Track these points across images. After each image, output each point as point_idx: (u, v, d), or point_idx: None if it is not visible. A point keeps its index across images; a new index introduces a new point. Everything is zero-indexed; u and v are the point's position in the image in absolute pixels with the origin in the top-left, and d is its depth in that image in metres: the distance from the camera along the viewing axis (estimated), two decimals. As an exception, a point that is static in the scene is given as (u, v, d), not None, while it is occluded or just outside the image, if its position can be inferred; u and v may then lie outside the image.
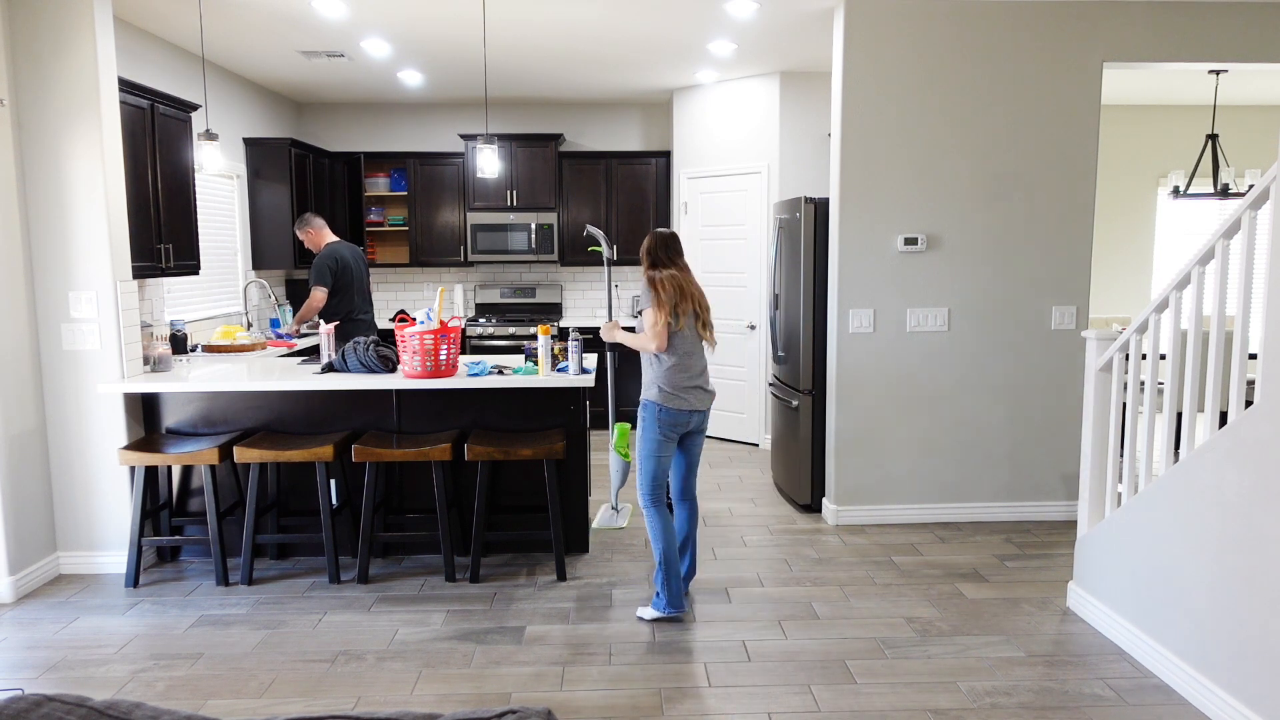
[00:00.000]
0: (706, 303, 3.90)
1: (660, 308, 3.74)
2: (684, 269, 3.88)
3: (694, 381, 3.78)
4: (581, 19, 5.02)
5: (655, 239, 3.95)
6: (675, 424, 3.74)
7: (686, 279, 3.85)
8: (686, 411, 3.75)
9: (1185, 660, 3.07)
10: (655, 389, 3.76)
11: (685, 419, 3.76)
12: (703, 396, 3.82)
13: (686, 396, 3.74)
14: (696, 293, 3.85)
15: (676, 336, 3.74)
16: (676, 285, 3.77)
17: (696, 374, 3.79)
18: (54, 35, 4.00)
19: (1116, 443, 3.68)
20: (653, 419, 3.74)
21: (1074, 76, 4.78)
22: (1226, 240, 3.02)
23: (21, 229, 4.08)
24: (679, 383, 3.74)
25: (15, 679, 3.27)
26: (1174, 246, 8.14)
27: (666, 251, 3.92)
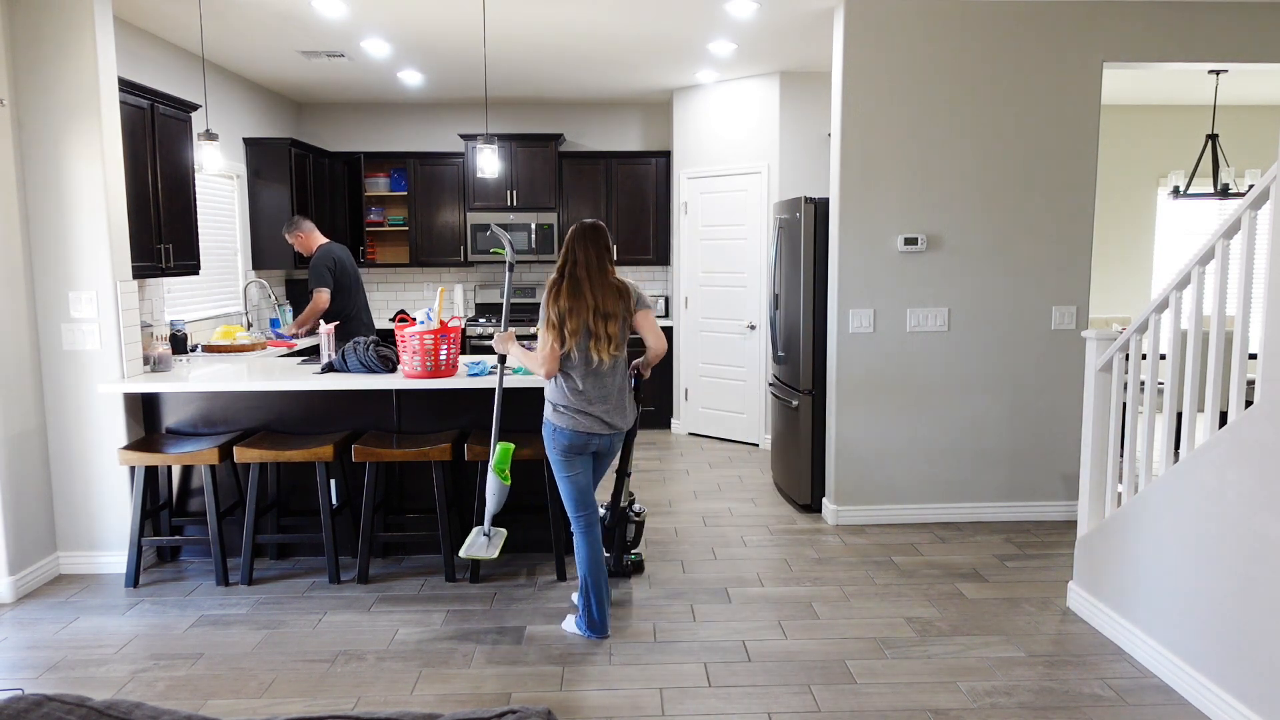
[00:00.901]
0: (613, 306, 3.34)
1: (548, 328, 3.32)
2: (599, 270, 3.35)
3: (589, 409, 3.37)
4: (581, 19, 5.02)
5: (572, 233, 3.41)
6: (573, 446, 3.40)
7: (594, 285, 3.33)
8: (583, 434, 3.39)
9: (1185, 660, 3.07)
10: (549, 406, 3.44)
11: (582, 441, 3.40)
12: (599, 425, 3.40)
13: (579, 419, 3.37)
14: (596, 302, 3.31)
15: (568, 358, 3.35)
16: (572, 297, 3.30)
17: (593, 400, 3.38)
18: (54, 35, 4.00)
19: (1116, 443, 3.67)
20: (549, 439, 3.45)
21: (1074, 76, 4.78)
22: (1226, 240, 3.02)
23: (21, 229, 4.08)
24: (572, 403, 3.37)
25: (15, 679, 3.27)
26: (1174, 246, 8.14)
27: (579, 248, 3.37)
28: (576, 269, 3.34)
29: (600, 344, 3.30)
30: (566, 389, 3.37)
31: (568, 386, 3.37)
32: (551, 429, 3.41)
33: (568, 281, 3.33)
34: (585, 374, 3.36)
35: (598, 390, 3.38)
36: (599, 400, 3.38)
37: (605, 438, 3.44)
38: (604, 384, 3.39)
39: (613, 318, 3.33)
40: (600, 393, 3.39)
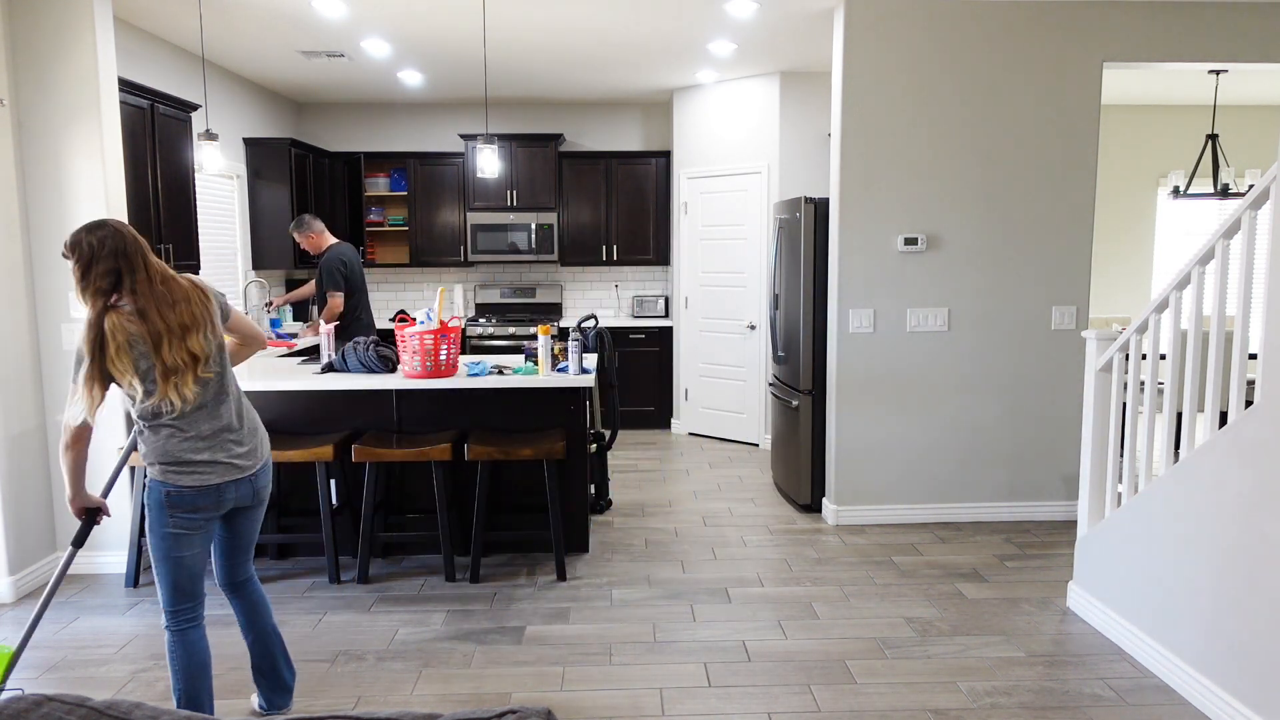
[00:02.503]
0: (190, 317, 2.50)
1: (88, 377, 2.43)
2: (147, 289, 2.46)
3: (205, 451, 2.56)
4: (582, 19, 5.02)
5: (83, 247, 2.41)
6: (197, 507, 2.57)
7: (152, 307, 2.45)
8: (212, 488, 2.57)
9: (1185, 660, 3.07)
10: (154, 463, 2.56)
11: (212, 498, 2.59)
12: (228, 466, 2.60)
13: (202, 470, 2.56)
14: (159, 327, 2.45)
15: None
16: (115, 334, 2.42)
17: (210, 435, 2.58)
18: (54, 35, 4.00)
19: (1116, 443, 3.67)
20: (158, 505, 2.56)
21: (1074, 76, 4.78)
22: (1226, 240, 3.02)
23: (21, 229, 4.08)
24: (184, 453, 2.54)
25: (15, 679, 3.27)
26: (1174, 246, 8.14)
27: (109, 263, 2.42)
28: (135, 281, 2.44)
29: (170, 378, 2.46)
30: (172, 433, 2.54)
31: (172, 429, 2.54)
32: (161, 490, 2.56)
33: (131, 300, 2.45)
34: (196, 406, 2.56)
35: (214, 421, 2.60)
36: (217, 433, 2.60)
37: (244, 484, 2.68)
38: (218, 415, 2.62)
39: (192, 329, 2.51)
40: (217, 424, 2.60)
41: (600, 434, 5.21)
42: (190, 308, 2.53)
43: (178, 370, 2.47)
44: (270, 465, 2.82)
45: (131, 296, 2.45)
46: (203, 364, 2.54)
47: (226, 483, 2.63)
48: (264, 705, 2.96)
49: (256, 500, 2.77)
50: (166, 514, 2.57)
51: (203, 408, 2.59)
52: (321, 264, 5.77)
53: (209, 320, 2.59)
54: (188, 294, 2.55)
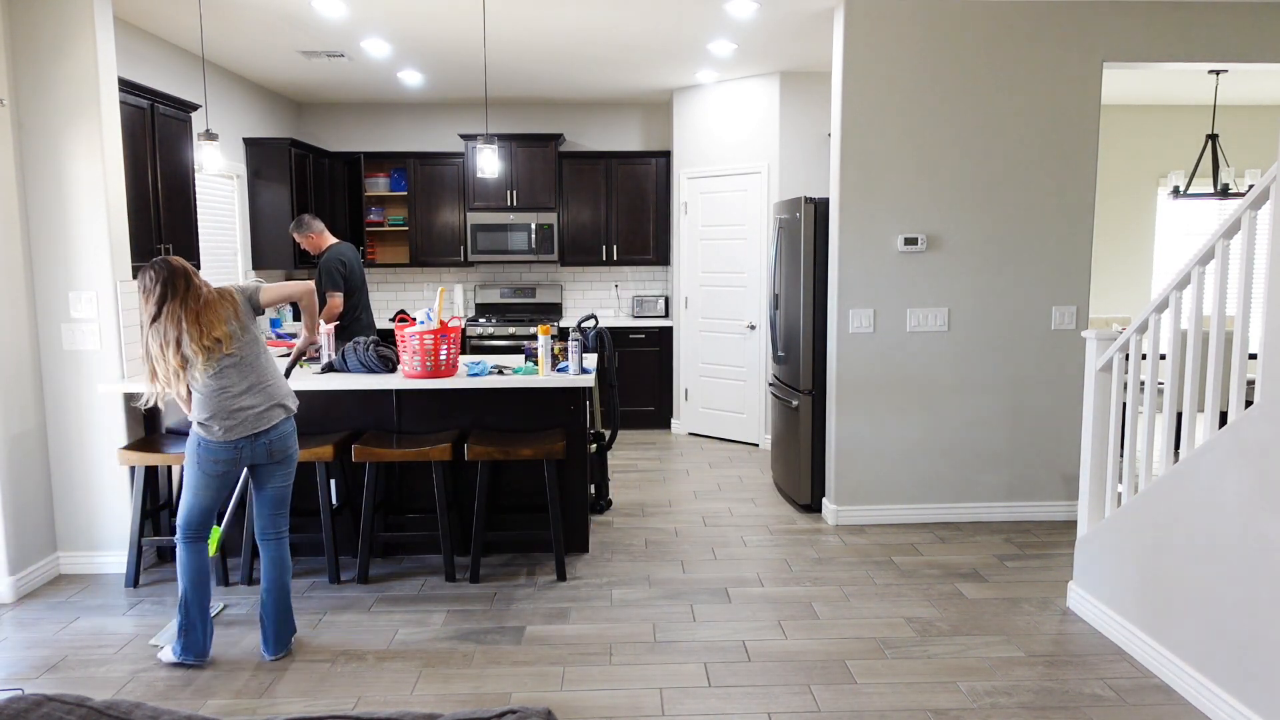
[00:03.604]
0: (211, 318, 3.20)
1: (153, 376, 3.24)
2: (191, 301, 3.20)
3: (237, 403, 3.26)
4: (581, 19, 5.02)
5: (160, 273, 3.20)
6: (219, 459, 3.27)
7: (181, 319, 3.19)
8: (231, 444, 3.26)
9: (1185, 660, 3.07)
10: (194, 418, 3.30)
11: (230, 452, 3.27)
12: (252, 419, 3.28)
13: (227, 423, 3.24)
14: (184, 334, 3.18)
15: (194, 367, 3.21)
16: (162, 347, 3.18)
17: (239, 393, 3.27)
18: (54, 35, 4.00)
19: (1116, 443, 3.67)
20: (192, 453, 3.28)
21: (1074, 76, 4.78)
22: (1226, 240, 3.02)
23: (21, 229, 4.08)
24: (217, 408, 3.24)
25: (15, 679, 3.27)
26: (1174, 246, 8.14)
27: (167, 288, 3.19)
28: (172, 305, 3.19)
29: (202, 353, 3.18)
30: (209, 395, 3.24)
31: (208, 393, 3.24)
32: (195, 442, 3.28)
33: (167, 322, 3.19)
34: (222, 376, 3.25)
35: (243, 381, 3.28)
36: (245, 391, 3.28)
37: (260, 441, 3.32)
38: (244, 375, 3.29)
39: (209, 330, 3.21)
40: (245, 383, 3.29)
41: (600, 434, 5.21)
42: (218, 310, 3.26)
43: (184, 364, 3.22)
44: (285, 433, 3.38)
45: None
46: (226, 344, 3.21)
47: (243, 439, 3.26)
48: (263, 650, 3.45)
49: (271, 459, 3.35)
50: (197, 457, 3.27)
51: (227, 378, 3.24)
52: (320, 264, 5.75)
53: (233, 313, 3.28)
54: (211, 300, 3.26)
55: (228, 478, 3.33)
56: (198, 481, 3.29)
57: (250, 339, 3.31)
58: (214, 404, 3.22)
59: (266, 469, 3.39)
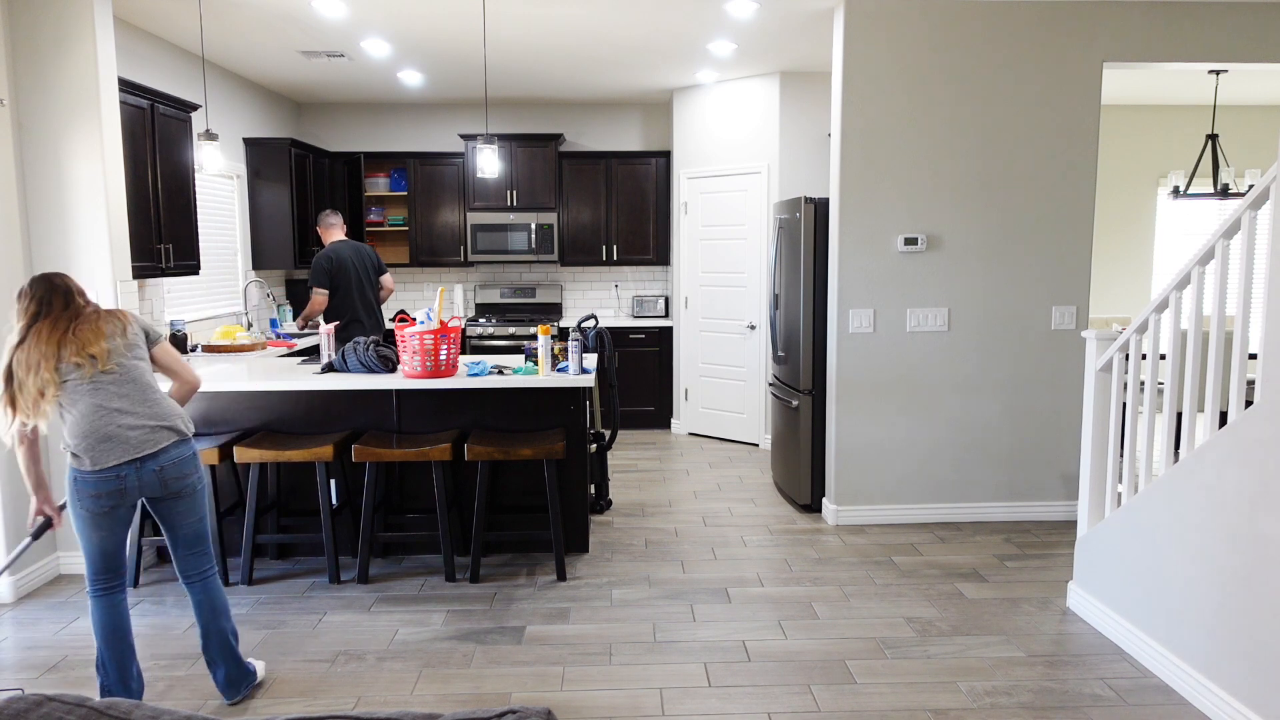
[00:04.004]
0: (90, 333, 2.85)
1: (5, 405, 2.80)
2: (64, 320, 2.84)
3: (113, 422, 2.82)
4: (581, 19, 5.02)
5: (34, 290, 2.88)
6: (97, 494, 2.82)
7: (52, 334, 2.81)
8: (108, 473, 2.80)
9: (1185, 660, 3.07)
10: (65, 447, 2.88)
11: (110, 484, 2.81)
12: (135, 441, 2.84)
13: (101, 447, 2.80)
14: (60, 350, 2.80)
15: (67, 384, 2.82)
16: (28, 368, 2.78)
17: (115, 410, 2.84)
18: (54, 35, 4.00)
19: (1116, 443, 3.67)
20: (69, 491, 2.86)
21: (1074, 76, 4.78)
22: (1226, 240, 3.02)
23: (21, 229, 4.08)
24: (89, 429, 2.81)
25: (15, 679, 3.27)
26: (1174, 246, 8.14)
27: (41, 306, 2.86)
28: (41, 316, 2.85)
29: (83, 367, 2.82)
30: (77, 419, 2.84)
31: (76, 416, 2.84)
32: (71, 476, 2.86)
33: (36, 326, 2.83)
34: (94, 396, 2.85)
35: (114, 401, 2.86)
36: (115, 411, 2.85)
37: (146, 470, 2.87)
38: (119, 394, 2.87)
39: (88, 346, 2.85)
40: (115, 402, 2.86)
41: (600, 434, 5.21)
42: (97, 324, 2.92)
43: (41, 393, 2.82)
44: (180, 459, 2.94)
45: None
46: (102, 360, 2.85)
47: (123, 465, 2.81)
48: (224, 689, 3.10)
49: (166, 491, 2.92)
50: (74, 495, 2.85)
51: (102, 394, 2.84)
52: (313, 261, 5.77)
53: (120, 330, 2.95)
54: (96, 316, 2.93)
55: (117, 515, 2.87)
56: (83, 524, 2.86)
57: (137, 358, 2.94)
58: (86, 424, 2.80)
59: (166, 504, 2.95)
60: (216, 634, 3.05)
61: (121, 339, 2.91)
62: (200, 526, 3.04)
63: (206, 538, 3.06)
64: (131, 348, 2.94)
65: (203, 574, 3.06)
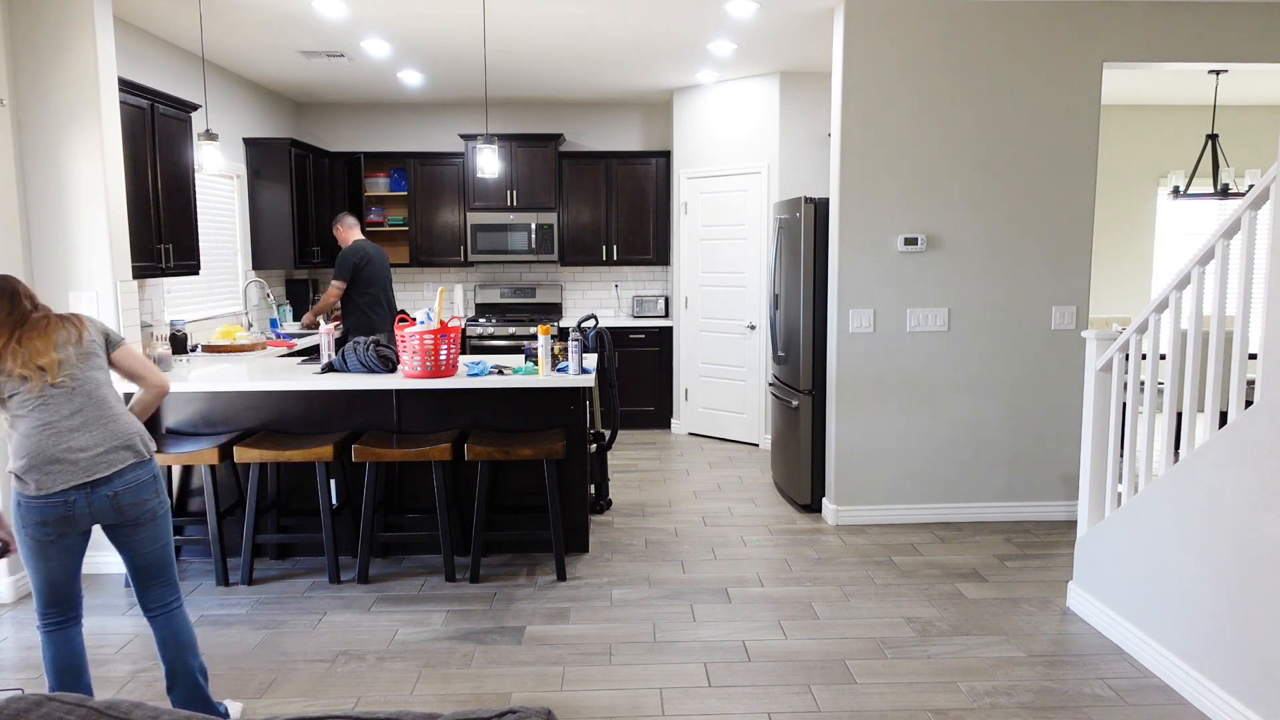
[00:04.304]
0: (43, 342, 2.61)
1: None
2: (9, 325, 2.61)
3: (63, 443, 2.57)
4: (581, 19, 5.02)
5: None
6: (44, 520, 2.55)
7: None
8: (56, 498, 2.55)
9: (1185, 660, 3.07)
10: (9, 468, 2.62)
11: (58, 509, 2.56)
12: (85, 463, 2.58)
13: (49, 469, 2.54)
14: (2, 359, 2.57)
15: (13, 399, 2.59)
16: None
17: (67, 430, 2.59)
18: (54, 35, 4.00)
19: (1116, 443, 3.68)
20: (14, 515, 2.60)
21: (1074, 76, 4.78)
22: (1226, 240, 3.02)
23: (21, 229, 4.08)
24: (35, 450, 2.56)
25: (15, 679, 3.27)
26: (1174, 246, 8.14)
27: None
28: None
29: (35, 376, 2.58)
30: (27, 434, 2.58)
31: (27, 430, 2.58)
32: (15, 500, 2.59)
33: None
34: (48, 404, 2.60)
35: (73, 417, 2.62)
36: (71, 431, 2.60)
37: (98, 495, 2.61)
38: (76, 410, 2.63)
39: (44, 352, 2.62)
40: (74, 420, 2.61)
41: (600, 434, 5.21)
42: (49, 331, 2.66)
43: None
44: (138, 483, 2.67)
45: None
46: (52, 372, 2.60)
47: (72, 490, 2.55)
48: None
49: (122, 518, 2.65)
50: (19, 520, 2.58)
51: (51, 410, 2.59)
52: (340, 254, 5.91)
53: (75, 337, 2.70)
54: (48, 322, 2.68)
55: (65, 544, 2.61)
56: (29, 551, 2.59)
57: (93, 369, 2.69)
58: (32, 444, 2.54)
59: (123, 531, 2.67)
60: (183, 672, 2.77)
61: (75, 348, 2.65)
62: (163, 555, 2.76)
63: (171, 566, 2.78)
64: (86, 357, 2.68)
65: (166, 606, 2.78)
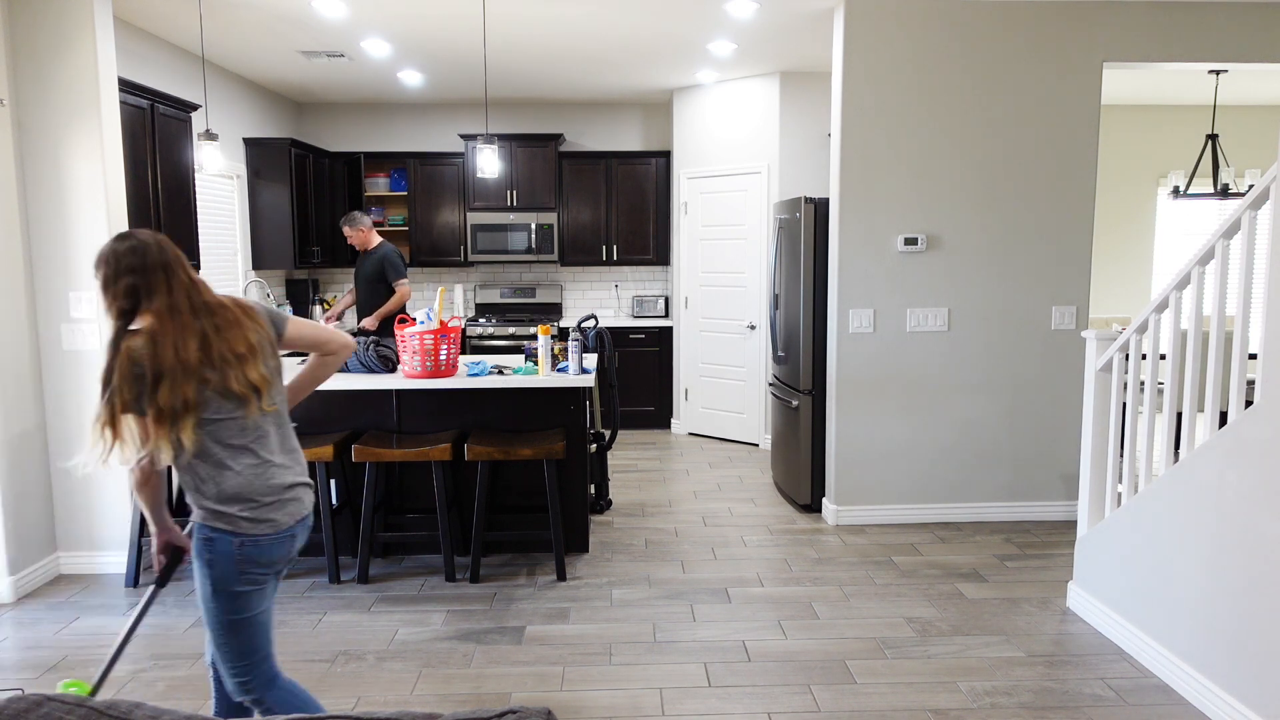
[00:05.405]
0: (247, 345, 2.17)
1: (116, 411, 2.04)
2: (194, 301, 2.14)
3: (281, 478, 2.25)
4: (582, 19, 5.02)
5: (107, 262, 2.10)
6: (273, 560, 2.23)
7: (191, 331, 2.10)
8: (283, 534, 2.23)
9: (1185, 660, 3.07)
10: (219, 508, 2.15)
11: (285, 546, 2.24)
12: (298, 503, 2.27)
13: (277, 512, 2.22)
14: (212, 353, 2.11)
15: (217, 426, 2.14)
16: (154, 358, 2.05)
17: (279, 466, 2.26)
18: (54, 35, 4.00)
19: (1116, 443, 3.67)
20: (228, 560, 2.16)
21: (1074, 76, 4.78)
22: (1226, 240, 3.02)
23: (21, 229, 4.08)
24: (262, 489, 2.20)
25: (15, 679, 3.27)
26: (1174, 246, 8.14)
27: (149, 278, 2.10)
28: (169, 299, 2.11)
29: (251, 396, 2.16)
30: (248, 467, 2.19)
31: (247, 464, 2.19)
32: (233, 542, 2.16)
33: (167, 317, 2.09)
34: (259, 429, 2.22)
35: (275, 441, 2.27)
36: (283, 452, 2.29)
37: (304, 526, 2.32)
38: (274, 435, 2.27)
39: (250, 358, 2.17)
40: (277, 443, 2.27)
41: (600, 434, 5.21)
42: (244, 333, 2.18)
43: (174, 415, 2.06)
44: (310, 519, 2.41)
45: (153, 319, 2.09)
46: (265, 397, 2.20)
47: (296, 524, 2.28)
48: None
49: (289, 560, 2.34)
50: (235, 571, 2.17)
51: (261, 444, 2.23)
52: (382, 257, 6.07)
53: (266, 345, 2.26)
54: (238, 318, 2.19)
55: (268, 589, 2.27)
56: (247, 600, 2.21)
57: (281, 382, 2.34)
58: (248, 481, 2.18)
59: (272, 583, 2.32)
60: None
61: (273, 359, 2.26)
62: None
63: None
64: (278, 371, 2.30)
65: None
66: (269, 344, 2.26)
